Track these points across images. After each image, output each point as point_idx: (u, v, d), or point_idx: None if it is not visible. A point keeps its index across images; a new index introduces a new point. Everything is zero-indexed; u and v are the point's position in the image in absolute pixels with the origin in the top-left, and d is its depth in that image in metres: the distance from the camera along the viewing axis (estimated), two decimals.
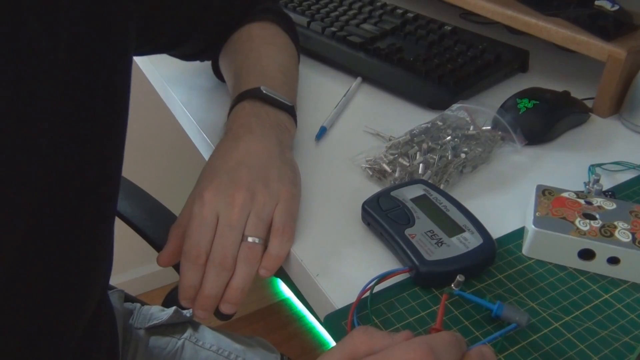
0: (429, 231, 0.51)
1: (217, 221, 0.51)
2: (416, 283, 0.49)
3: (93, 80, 0.45)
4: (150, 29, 0.59)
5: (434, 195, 0.55)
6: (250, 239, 0.51)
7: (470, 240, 0.50)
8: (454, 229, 0.51)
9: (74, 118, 0.44)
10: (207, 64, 0.77)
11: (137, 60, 0.90)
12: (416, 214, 0.52)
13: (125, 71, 0.50)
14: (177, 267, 0.75)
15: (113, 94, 0.48)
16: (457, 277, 0.45)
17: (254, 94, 0.60)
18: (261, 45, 0.67)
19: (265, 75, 0.63)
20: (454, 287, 0.46)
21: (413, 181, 0.57)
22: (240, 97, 0.60)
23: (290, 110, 0.61)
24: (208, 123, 0.71)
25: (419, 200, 0.54)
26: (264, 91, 0.60)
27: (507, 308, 0.45)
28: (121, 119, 0.51)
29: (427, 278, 0.49)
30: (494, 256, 0.51)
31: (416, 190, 0.55)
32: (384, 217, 0.52)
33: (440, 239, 0.50)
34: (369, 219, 0.54)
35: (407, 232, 0.51)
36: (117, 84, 0.49)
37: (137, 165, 1.32)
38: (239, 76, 0.64)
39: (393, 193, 0.55)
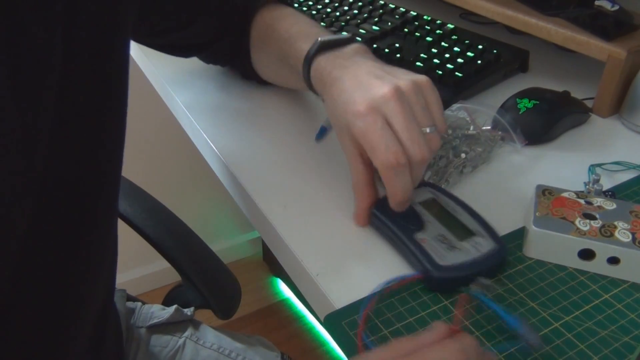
0: (440, 235, 0.50)
1: (390, 125, 0.49)
2: (429, 288, 0.49)
3: (90, 73, 0.45)
4: (148, 12, 0.60)
5: (442, 198, 0.54)
6: (428, 130, 0.50)
7: (482, 244, 0.49)
8: (465, 233, 0.51)
9: (72, 112, 0.44)
10: (212, 66, 0.77)
11: (138, 60, 0.90)
12: (426, 218, 0.52)
13: (123, 63, 0.49)
14: (176, 267, 0.76)
15: (111, 87, 0.48)
16: (481, 279, 0.44)
17: (323, 46, 0.57)
18: (283, 18, 0.66)
19: (311, 32, 0.61)
20: (473, 289, 0.45)
21: (420, 184, 0.56)
22: (314, 54, 0.57)
23: (357, 41, 0.60)
24: (209, 122, 0.71)
25: (427, 204, 0.53)
26: (325, 38, 0.58)
27: (526, 326, 0.43)
28: (120, 112, 0.50)
29: (440, 283, 0.48)
30: (505, 260, 0.50)
31: (424, 194, 0.55)
32: (393, 221, 0.52)
33: (452, 243, 0.49)
34: (378, 223, 0.53)
35: (418, 236, 0.50)
36: (115, 77, 0.49)
37: (137, 165, 1.32)
38: (290, 44, 0.62)
39: None
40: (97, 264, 0.53)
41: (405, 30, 0.86)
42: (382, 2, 0.94)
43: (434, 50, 0.82)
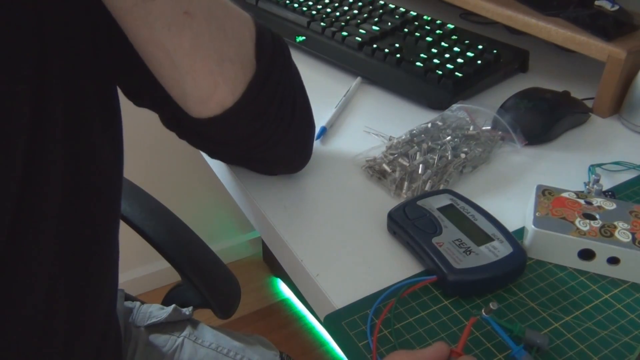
0: (457, 240, 0.50)
1: None
2: (445, 292, 0.49)
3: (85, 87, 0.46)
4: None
5: (461, 204, 0.54)
6: None
7: (499, 249, 0.49)
8: (482, 238, 0.51)
9: (74, 128, 0.45)
10: None
11: None
12: (443, 223, 0.52)
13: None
14: (176, 267, 0.76)
15: (104, 103, 0.49)
16: (490, 304, 0.44)
17: None
18: None
19: None
20: (484, 313, 0.44)
21: (439, 191, 0.57)
22: None
23: None
24: None
25: (445, 210, 0.54)
26: None
27: (528, 358, 0.43)
28: (116, 130, 0.51)
29: (455, 286, 0.48)
30: (524, 266, 0.50)
31: (443, 200, 0.55)
32: (410, 225, 0.52)
33: (469, 247, 0.50)
34: (395, 227, 0.53)
35: (435, 240, 0.50)
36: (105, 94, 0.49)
37: (138, 166, 1.32)
38: None
39: (419, 202, 0.54)
40: (105, 266, 0.53)
41: (405, 30, 0.86)
42: (382, 2, 0.94)
43: (434, 50, 0.82)
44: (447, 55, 0.80)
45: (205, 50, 0.44)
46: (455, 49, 0.82)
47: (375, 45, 0.82)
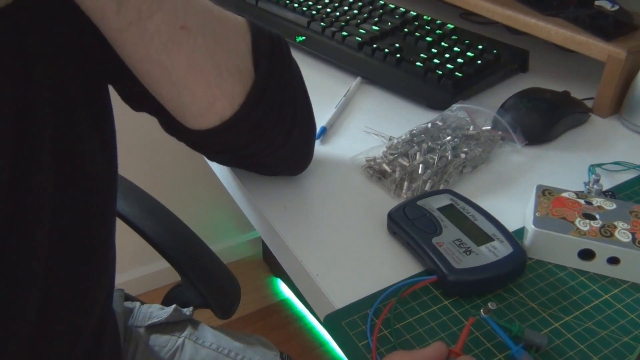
0: (457, 240, 0.50)
1: None
2: (445, 292, 0.49)
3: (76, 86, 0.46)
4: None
5: (461, 204, 0.54)
6: None
7: (499, 249, 0.49)
8: (482, 238, 0.51)
9: (63, 129, 0.45)
10: None
11: None
12: (443, 223, 0.52)
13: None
14: (176, 267, 0.76)
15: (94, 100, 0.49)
16: (489, 304, 0.44)
17: None
18: None
19: None
20: (483, 314, 0.44)
21: (439, 190, 0.57)
22: None
23: None
24: None
25: (445, 210, 0.54)
26: None
27: (527, 357, 0.43)
28: (107, 130, 0.51)
29: (455, 287, 0.48)
30: (524, 266, 0.50)
31: (443, 200, 0.55)
32: (410, 225, 0.52)
33: (469, 247, 0.50)
34: (395, 227, 0.53)
35: (435, 240, 0.50)
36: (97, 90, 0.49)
37: (137, 165, 1.32)
38: None
39: (419, 202, 0.54)
40: (99, 266, 0.53)
41: (405, 30, 0.86)
42: (382, 2, 0.94)
43: (434, 50, 0.81)
44: (447, 55, 0.80)
45: (203, 64, 0.44)
46: (455, 49, 0.82)
47: (375, 45, 0.82)
